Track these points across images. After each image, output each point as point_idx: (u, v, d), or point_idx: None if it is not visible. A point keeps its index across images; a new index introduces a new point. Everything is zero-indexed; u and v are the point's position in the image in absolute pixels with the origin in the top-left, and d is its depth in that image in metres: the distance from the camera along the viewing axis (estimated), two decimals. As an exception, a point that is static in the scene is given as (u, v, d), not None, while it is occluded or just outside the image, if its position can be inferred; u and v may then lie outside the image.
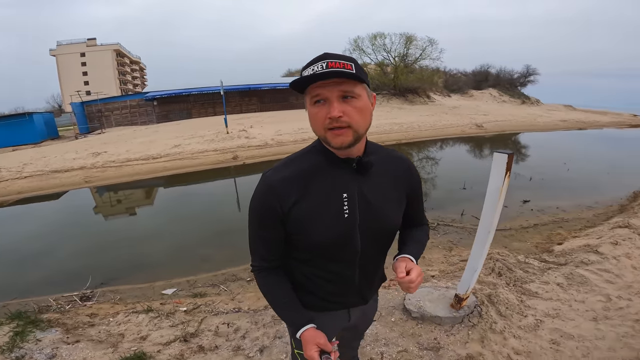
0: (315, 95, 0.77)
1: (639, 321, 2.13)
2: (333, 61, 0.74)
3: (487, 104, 29.42)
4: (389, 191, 0.92)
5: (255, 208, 0.89)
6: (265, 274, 0.97)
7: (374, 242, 0.93)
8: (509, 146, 14.08)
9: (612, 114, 42.26)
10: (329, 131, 0.78)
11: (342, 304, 1.03)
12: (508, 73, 36.43)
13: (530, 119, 23.73)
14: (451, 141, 14.23)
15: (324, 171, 0.86)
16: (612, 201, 6.47)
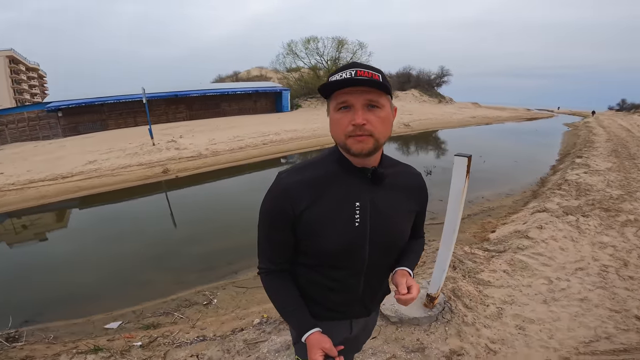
0: (341, 102, 0.78)
1: (584, 300, 2.41)
2: (362, 70, 0.76)
3: (411, 103, 31.95)
4: (401, 204, 0.93)
5: (267, 210, 0.88)
6: (272, 277, 0.96)
7: (381, 253, 0.93)
8: (433, 142, 15.46)
9: (509, 110, 49.55)
10: (350, 138, 0.78)
11: (345, 313, 1.02)
12: (426, 74, 40.23)
13: (447, 116, 26.44)
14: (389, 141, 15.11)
15: (338, 178, 0.86)
16: (524, 188, 7.45)
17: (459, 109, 34.54)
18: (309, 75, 28.42)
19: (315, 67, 28.61)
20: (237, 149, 12.18)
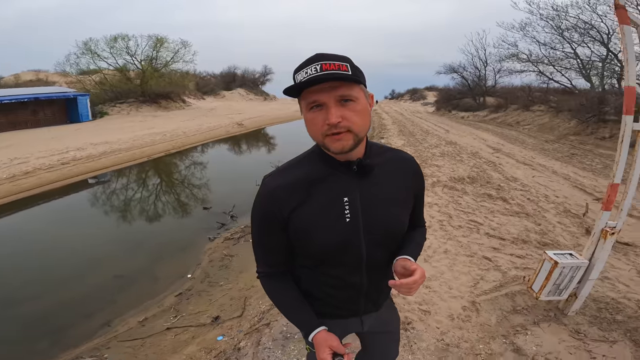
0: (311, 102, 0.73)
1: (447, 252, 3.02)
2: (327, 62, 0.70)
3: (238, 103, 31.99)
4: (395, 192, 0.90)
5: (257, 214, 0.88)
6: (271, 280, 0.96)
7: (380, 245, 0.90)
8: (271, 137, 16.07)
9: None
10: (327, 137, 0.74)
11: (353, 310, 1.01)
12: (251, 73, 41.27)
13: (275, 112, 28.07)
14: (221, 142, 14.40)
15: (324, 176, 0.84)
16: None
17: (282, 105, 37.27)
18: (116, 77, 23.69)
19: (124, 68, 24.10)
20: (20, 175, 8.82)
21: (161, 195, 6.73)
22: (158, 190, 7.13)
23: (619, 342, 2.06)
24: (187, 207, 5.96)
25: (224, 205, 5.64)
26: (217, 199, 6.05)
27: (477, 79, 26.73)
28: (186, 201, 6.28)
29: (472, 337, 2.17)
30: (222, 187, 7.14)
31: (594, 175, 7.73)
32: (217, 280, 3.37)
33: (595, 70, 14.05)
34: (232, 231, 4.58)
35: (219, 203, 5.80)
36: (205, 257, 3.91)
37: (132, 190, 7.20)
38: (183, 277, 3.52)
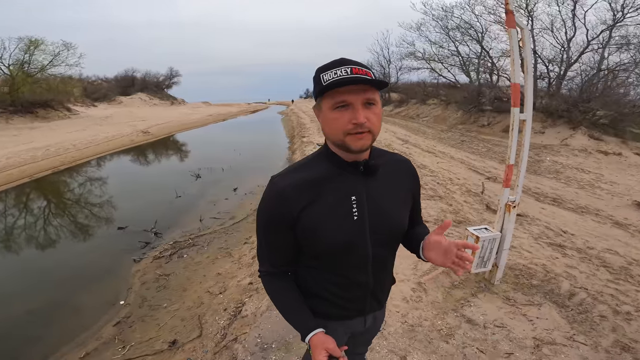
0: (340, 101, 0.76)
1: None
2: (356, 67, 0.75)
3: (140, 109, 28.69)
4: (396, 193, 0.94)
5: (264, 214, 0.88)
6: (272, 279, 0.97)
7: (383, 243, 0.93)
8: (183, 145, 14.84)
9: (236, 105, 55.60)
10: (349, 135, 0.78)
11: (359, 310, 1.01)
12: (154, 76, 37.16)
13: (185, 117, 26.03)
14: (125, 153, 12.70)
15: (332, 176, 0.86)
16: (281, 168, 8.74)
17: (193, 109, 34.81)
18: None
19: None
20: None
21: (62, 218, 5.62)
22: (56, 213, 5.94)
23: (544, 304, 2.47)
24: (98, 229, 5.14)
25: (143, 222, 5.04)
26: (132, 217, 5.36)
27: (382, 76, 29.19)
28: (95, 223, 5.40)
29: (429, 315, 2.36)
30: (136, 202, 6.34)
31: (481, 158, 9.18)
32: (159, 303, 3.07)
33: (473, 66, 16.63)
34: (160, 249, 4.17)
35: (136, 221, 5.15)
36: (135, 280, 3.51)
37: (21, 215, 5.86)
38: (115, 304, 3.16)
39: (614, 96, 12.56)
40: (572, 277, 2.83)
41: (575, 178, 7.50)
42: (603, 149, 11.61)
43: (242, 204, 5.86)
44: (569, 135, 12.46)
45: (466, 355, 1.99)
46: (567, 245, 3.49)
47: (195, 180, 7.81)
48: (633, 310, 2.37)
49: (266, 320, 2.31)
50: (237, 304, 2.76)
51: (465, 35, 15.99)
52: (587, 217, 4.58)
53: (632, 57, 13.07)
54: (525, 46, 2.47)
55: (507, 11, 2.33)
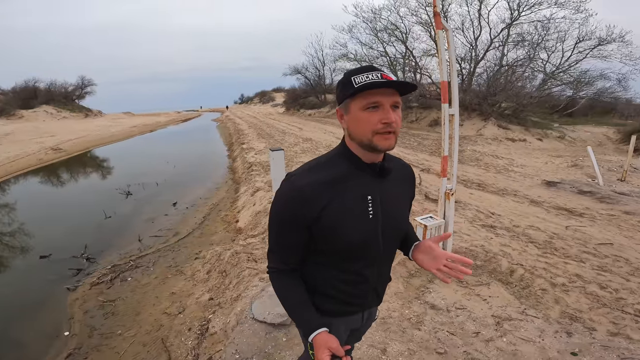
0: (372, 102, 0.81)
1: None
2: (386, 74, 0.82)
3: (47, 123, 24.98)
4: (401, 194, 1.01)
5: (281, 211, 0.90)
6: (282, 276, 0.98)
7: (390, 241, 0.99)
8: (106, 162, 13.32)
9: (164, 114, 51.71)
10: (377, 135, 0.82)
11: (361, 306, 1.06)
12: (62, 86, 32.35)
13: (104, 130, 23.44)
14: (34, 174, 10.94)
15: (350, 175, 0.89)
16: (223, 178, 8.36)
17: (113, 121, 31.46)
18: None
19: None
20: None
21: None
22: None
23: (492, 283, 2.69)
24: (14, 261, 4.37)
25: (69, 248, 4.47)
26: (55, 244, 4.69)
27: (317, 78, 29.70)
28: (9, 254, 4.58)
29: (396, 306, 2.43)
30: (56, 228, 5.52)
31: (414, 152, 9.89)
32: (112, 330, 2.78)
33: (399, 66, 17.84)
34: (97, 275, 3.73)
35: (61, 247, 4.52)
36: (75, 309, 3.13)
37: None
38: (58, 336, 2.81)
39: (515, 89, 14.53)
40: (507, 255, 3.17)
41: (492, 164, 8.48)
42: (510, 136, 13.38)
43: (185, 219, 5.45)
44: (482, 126, 14.10)
45: (440, 339, 2.10)
46: (497, 226, 3.92)
47: (126, 198, 7.05)
48: (567, 282, 2.71)
49: (239, 334, 2.18)
50: (201, 321, 2.56)
51: (392, 36, 17.10)
52: (508, 198, 5.21)
53: (527, 53, 15.29)
54: (450, 46, 2.70)
55: (435, 13, 2.51)
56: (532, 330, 2.15)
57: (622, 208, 4.51)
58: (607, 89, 16.46)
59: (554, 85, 16.28)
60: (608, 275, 2.80)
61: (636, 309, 2.35)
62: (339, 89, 0.87)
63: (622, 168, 6.75)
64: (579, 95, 16.97)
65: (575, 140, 13.37)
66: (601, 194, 5.15)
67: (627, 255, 3.13)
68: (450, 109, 2.86)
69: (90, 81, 35.29)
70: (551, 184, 5.95)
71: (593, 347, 1.98)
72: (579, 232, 3.70)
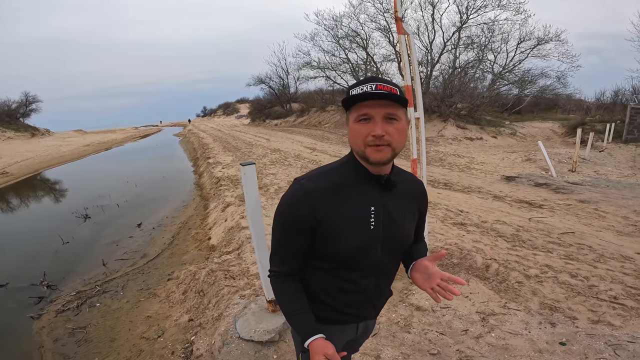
0: (362, 114, 0.82)
1: None
2: (382, 84, 0.81)
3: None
4: (407, 209, 1.00)
5: (287, 214, 0.91)
6: (284, 280, 0.99)
7: (391, 254, 0.99)
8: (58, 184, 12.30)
9: (120, 131, 49.02)
10: (369, 147, 0.83)
11: (356, 316, 1.06)
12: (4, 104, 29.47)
13: (54, 150, 21.78)
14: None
15: (356, 185, 0.91)
16: (190, 195, 8.02)
17: (63, 140, 29.29)
18: None
19: None
20: None
21: None
22: None
23: (470, 280, 2.77)
24: None
25: (27, 276, 4.15)
26: (9, 272, 4.34)
27: (282, 87, 29.56)
28: None
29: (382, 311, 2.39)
30: (9, 256, 5.06)
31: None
32: (88, 358, 2.63)
33: (361, 72, 18.29)
34: (60, 302, 3.49)
35: (17, 276, 4.20)
36: (44, 337, 2.93)
37: None
38: None
39: (468, 90, 15.43)
40: (480, 250, 3.29)
41: (455, 163, 8.89)
42: (468, 135, 14.15)
43: (153, 239, 5.13)
44: (442, 127, 14.79)
45: (431, 340, 2.11)
46: (467, 223, 4.07)
47: (84, 221, 6.52)
48: (539, 273, 2.85)
49: (227, 355, 2.07)
50: (184, 344, 2.41)
51: (353, 42, 17.53)
52: (473, 195, 5.46)
53: (477, 55, 16.34)
54: (411, 51, 2.78)
55: (397, 18, 2.58)
56: (517, 324, 2.23)
57: (576, 197, 4.89)
58: (549, 87, 18.01)
59: (501, 85, 17.51)
60: (576, 263, 2.99)
61: (610, 295, 2.50)
62: None
63: (572, 159, 7.35)
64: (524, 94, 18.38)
65: (526, 136, 14.41)
66: (556, 185, 5.56)
67: (589, 243, 3.37)
68: (416, 112, 2.95)
69: (35, 97, 32.56)
70: (510, 179, 6.33)
71: (579, 336, 2.08)
72: (542, 223, 3.94)
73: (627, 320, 2.23)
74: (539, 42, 15.75)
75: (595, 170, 7.08)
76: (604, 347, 1.99)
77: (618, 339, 2.04)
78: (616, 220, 3.90)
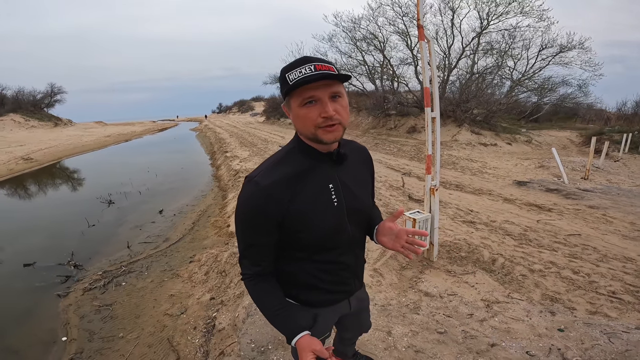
0: (308, 97, 0.80)
1: None
2: (320, 64, 0.80)
3: (14, 132, 23.75)
4: (361, 177, 1.04)
5: (249, 213, 0.88)
6: (257, 281, 0.97)
7: (358, 224, 1.02)
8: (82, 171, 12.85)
9: (138, 124, 50.30)
10: (320, 129, 0.82)
11: (346, 292, 1.09)
12: (30, 94, 30.72)
13: (76, 140, 22.61)
14: (5, 185, 10.42)
15: (309, 168, 0.91)
16: (208, 185, 8.34)
17: (85, 131, 30.34)
18: None
19: None
20: None
21: None
22: None
23: (477, 272, 2.93)
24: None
25: (54, 256, 4.37)
26: (37, 253, 4.57)
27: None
28: None
29: (393, 295, 2.60)
30: (37, 237, 5.36)
31: (395, 157, 10.25)
32: (112, 334, 2.77)
33: (377, 74, 18.38)
34: (87, 281, 3.68)
35: (45, 256, 4.43)
36: (70, 314, 3.09)
37: None
38: (55, 342, 2.77)
39: (485, 96, 15.34)
40: (488, 246, 3.44)
41: (467, 167, 8.95)
42: (483, 141, 14.09)
43: (174, 225, 5.43)
44: (457, 132, 14.76)
45: (438, 321, 2.29)
46: (476, 221, 4.21)
47: (108, 206, 6.89)
48: (543, 268, 2.99)
49: (251, 325, 2.28)
50: (206, 320, 2.62)
51: (370, 45, 17.63)
52: (484, 197, 5.56)
53: (495, 61, 16.22)
54: (431, 56, 2.97)
55: (419, 26, 2.76)
56: (519, 311, 2.38)
57: (586, 203, 4.94)
58: (569, 95, 17.69)
59: (520, 91, 17.31)
60: (579, 261, 3.11)
61: (609, 291, 2.63)
62: (280, 86, 0.86)
63: (585, 167, 7.34)
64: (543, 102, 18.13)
65: (541, 144, 14.26)
66: (567, 191, 5.61)
67: (594, 244, 3.47)
68: (432, 112, 3.12)
69: (61, 89, 33.84)
70: (521, 184, 6.39)
71: (577, 324, 2.22)
72: (550, 225, 4.05)
73: (623, 313, 2.36)
74: (561, 50, 15.51)
75: (608, 179, 7.06)
76: (599, 335, 2.12)
77: (613, 328, 2.18)
78: (623, 225, 3.97)
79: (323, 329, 1.09)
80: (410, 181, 6.59)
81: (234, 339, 2.21)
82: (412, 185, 6.22)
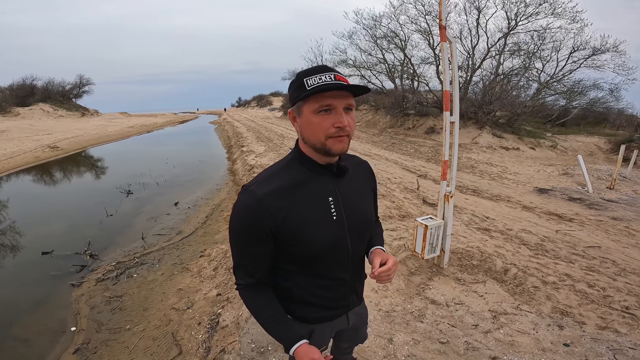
0: (325, 105, 0.79)
1: None
2: (339, 75, 0.80)
3: (42, 121, 24.84)
4: (362, 190, 1.02)
5: (243, 224, 0.86)
6: (253, 292, 0.95)
7: (359, 238, 0.99)
8: (104, 160, 13.32)
9: (160, 116, 51.66)
10: (331, 139, 0.81)
11: (344, 307, 1.06)
12: (59, 85, 32.15)
13: (102, 130, 23.41)
14: (31, 171, 10.93)
15: (308, 180, 0.88)
16: (223, 179, 8.46)
17: (110, 121, 31.39)
18: None
19: None
20: None
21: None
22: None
23: (487, 281, 2.85)
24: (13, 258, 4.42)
25: (72, 245, 4.53)
26: (56, 241, 4.74)
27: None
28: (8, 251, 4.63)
29: (399, 301, 2.57)
30: (57, 225, 5.57)
31: (411, 158, 10.08)
32: (120, 325, 2.84)
33: (397, 73, 18.10)
34: (101, 271, 3.79)
35: (62, 244, 4.59)
36: (81, 305, 3.18)
37: None
38: (64, 331, 2.85)
39: (509, 98, 14.83)
40: (502, 255, 3.33)
41: (487, 171, 8.70)
42: (504, 145, 13.65)
43: (188, 218, 5.54)
44: (477, 134, 14.36)
45: (441, 330, 2.24)
46: (492, 229, 4.08)
47: (126, 197, 7.12)
48: (557, 280, 2.88)
49: (254, 325, 2.30)
50: (210, 316, 2.67)
51: (391, 43, 17.37)
52: (502, 203, 5.39)
53: (523, 62, 15.64)
54: (452, 58, 2.87)
55: (441, 27, 2.68)
56: (526, 324, 2.30)
57: (609, 214, 4.71)
58: (600, 99, 16.86)
59: (547, 94, 16.64)
60: (596, 275, 2.97)
61: (623, 306, 2.51)
62: (291, 90, 0.84)
63: (611, 177, 6.99)
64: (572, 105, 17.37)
65: (567, 150, 13.69)
66: (590, 201, 5.35)
67: (614, 257, 3.31)
68: (451, 117, 3.03)
69: (89, 80, 35.16)
70: (543, 191, 6.15)
71: (583, 339, 2.13)
72: (569, 236, 3.88)
73: (633, 329, 2.25)
74: (594, 52, 14.75)
75: (634, 189, 6.69)
76: (605, 350, 2.03)
77: (620, 344, 2.08)
78: (647, 239, 3.76)
79: (319, 343, 1.06)
80: (425, 184, 6.47)
81: (235, 338, 2.24)
82: (428, 188, 6.10)
